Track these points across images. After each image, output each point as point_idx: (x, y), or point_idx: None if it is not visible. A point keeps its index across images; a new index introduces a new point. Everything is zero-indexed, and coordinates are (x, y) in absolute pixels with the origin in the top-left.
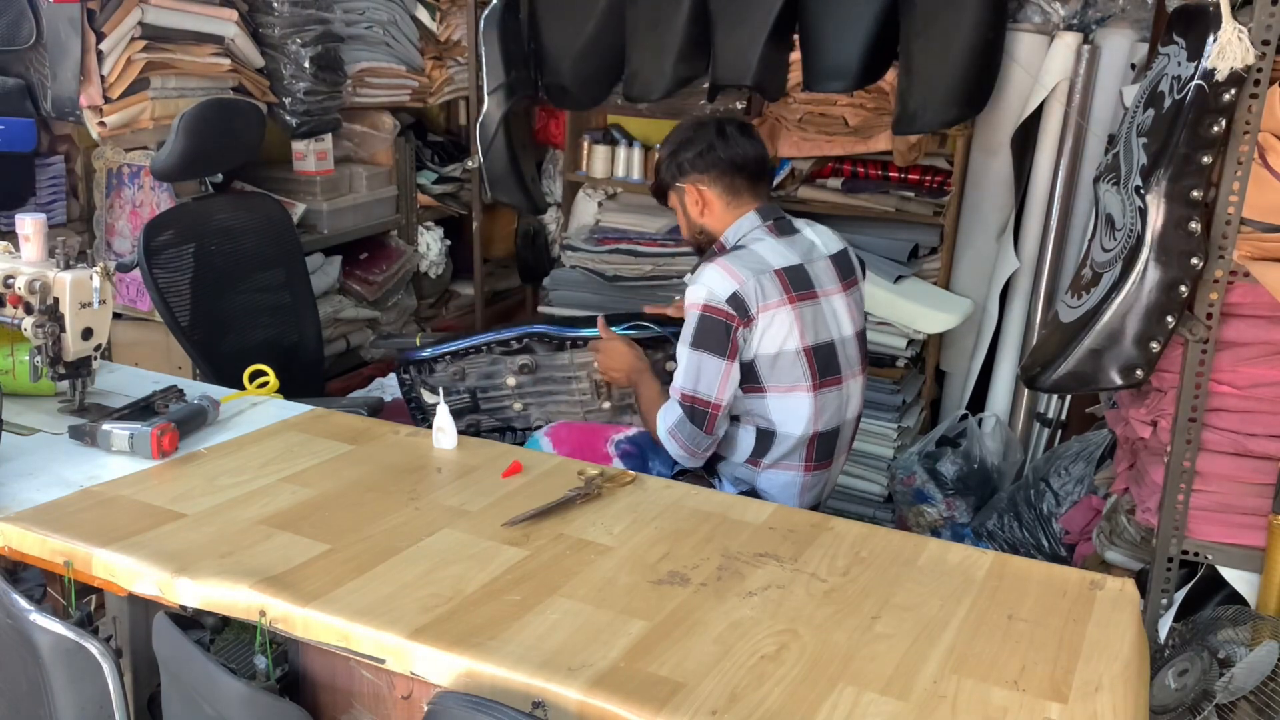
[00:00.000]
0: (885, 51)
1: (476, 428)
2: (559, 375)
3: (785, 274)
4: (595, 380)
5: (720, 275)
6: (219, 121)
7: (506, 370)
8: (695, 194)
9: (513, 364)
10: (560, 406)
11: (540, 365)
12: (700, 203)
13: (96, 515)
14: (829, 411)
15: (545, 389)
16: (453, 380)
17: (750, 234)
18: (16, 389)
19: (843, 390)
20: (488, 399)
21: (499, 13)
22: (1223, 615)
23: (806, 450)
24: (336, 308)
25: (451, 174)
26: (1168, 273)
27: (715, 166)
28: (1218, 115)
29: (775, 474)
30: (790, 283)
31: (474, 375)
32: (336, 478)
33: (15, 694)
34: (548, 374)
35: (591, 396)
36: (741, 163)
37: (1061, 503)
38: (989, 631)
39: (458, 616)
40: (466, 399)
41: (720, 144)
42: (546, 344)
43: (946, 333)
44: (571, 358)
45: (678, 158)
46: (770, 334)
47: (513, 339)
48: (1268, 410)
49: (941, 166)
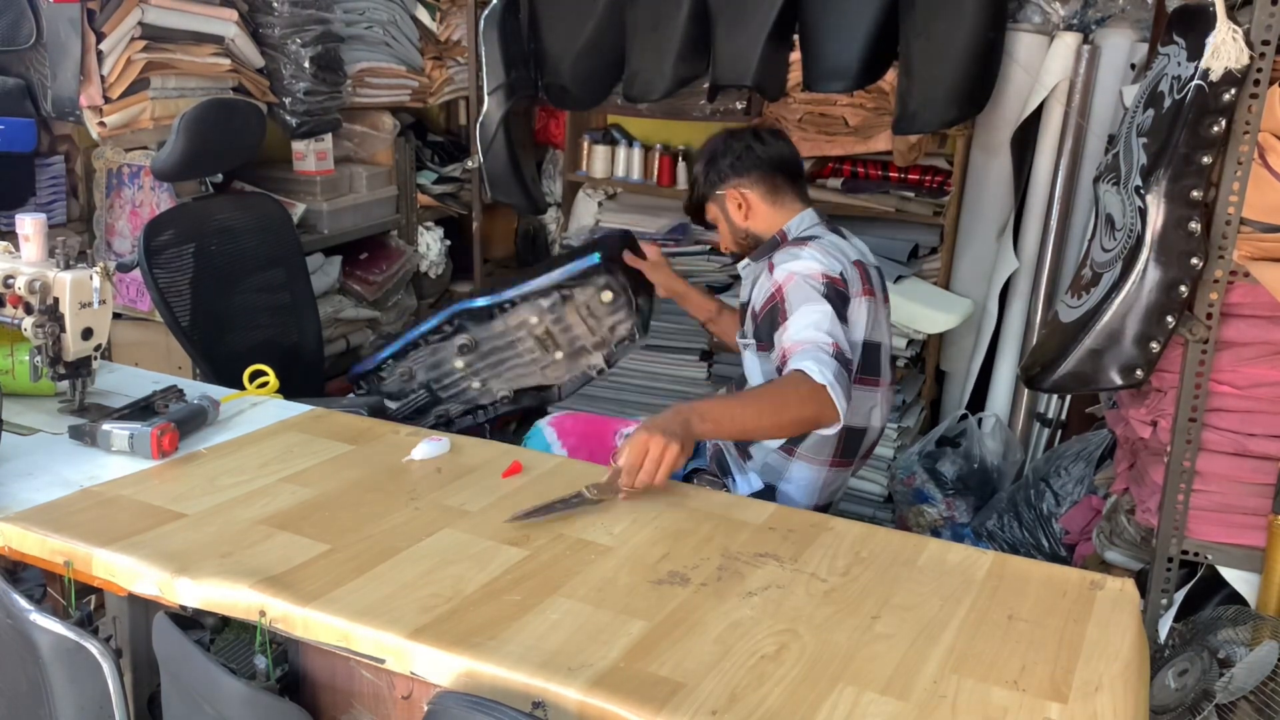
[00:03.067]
0: (885, 51)
1: (446, 417)
2: (501, 343)
3: (861, 267)
4: (537, 336)
5: (824, 254)
6: (219, 121)
7: (450, 355)
8: (737, 197)
9: (452, 347)
10: (515, 370)
11: (479, 340)
12: (744, 206)
13: (96, 515)
14: (862, 410)
15: (494, 359)
16: (404, 382)
17: (814, 227)
18: (16, 389)
19: (878, 394)
20: (444, 387)
21: (499, 13)
22: (1223, 615)
23: (836, 445)
24: (336, 308)
25: (451, 174)
26: (1168, 273)
27: (756, 167)
28: (1217, 115)
29: (803, 466)
30: (865, 276)
31: (421, 370)
32: (336, 478)
33: (15, 694)
34: (490, 345)
35: (541, 352)
36: (779, 162)
37: (1061, 503)
38: (989, 631)
39: (458, 616)
40: (424, 395)
41: (757, 145)
42: (475, 318)
43: (946, 333)
44: (505, 322)
45: (716, 165)
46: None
47: (442, 324)
48: (1268, 410)
49: (941, 166)
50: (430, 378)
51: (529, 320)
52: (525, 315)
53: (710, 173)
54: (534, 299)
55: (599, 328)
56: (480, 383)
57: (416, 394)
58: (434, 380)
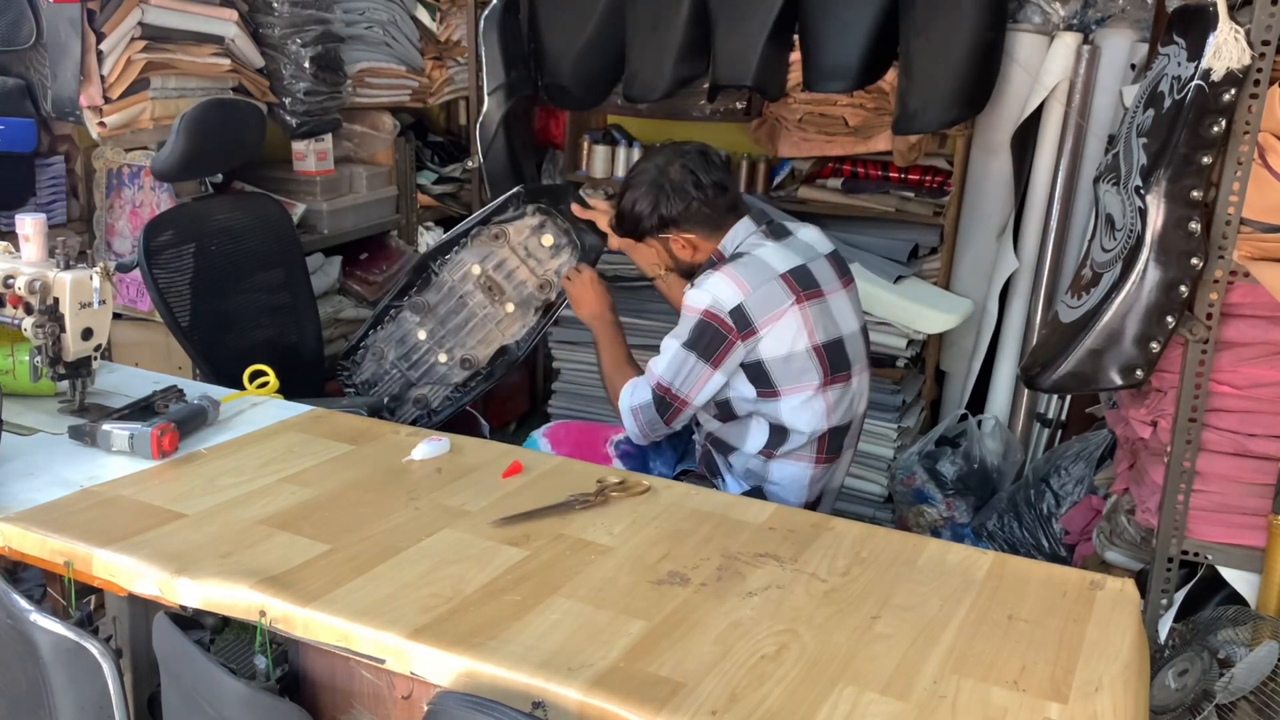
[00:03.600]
0: (885, 51)
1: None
2: (452, 301)
3: (791, 275)
4: (483, 287)
5: (727, 284)
6: (219, 121)
7: (412, 327)
8: (682, 242)
9: (412, 319)
10: (475, 334)
11: (431, 303)
12: (689, 247)
13: (96, 515)
14: (841, 408)
15: (452, 325)
16: (377, 362)
17: (747, 240)
18: (16, 389)
19: (851, 386)
20: (413, 365)
21: (499, 13)
22: (1223, 615)
23: (818, 444)
24: (336, 308)
25: (451, 174)
26: (1168, 273)
27: (698, 215)
28: (1217, 115)
29: (786, 465)
30: (797, 283)
31: (390, 347)
32: (336, 478)
33: (15, 694)
34: (443, 307)
35: (492, 306)
36: (718, 194)
37: (1061, 503)
38: (989, 631)
39: (458, 616)
40: (397, 375)
41: (698, 194)
42: (424, 278)
43: (946, 333)
44: (449, 275)
45: (660, 212)
46: (778, 339)
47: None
48: (1268, 410)
49: (941, 166)
50: (399, 354)
51: (471, 270)
52: (466, 262)
53: (653, 217)
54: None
55: (540, 269)
56: (446, 354)
57: (390, 374)
58: (402, 358)
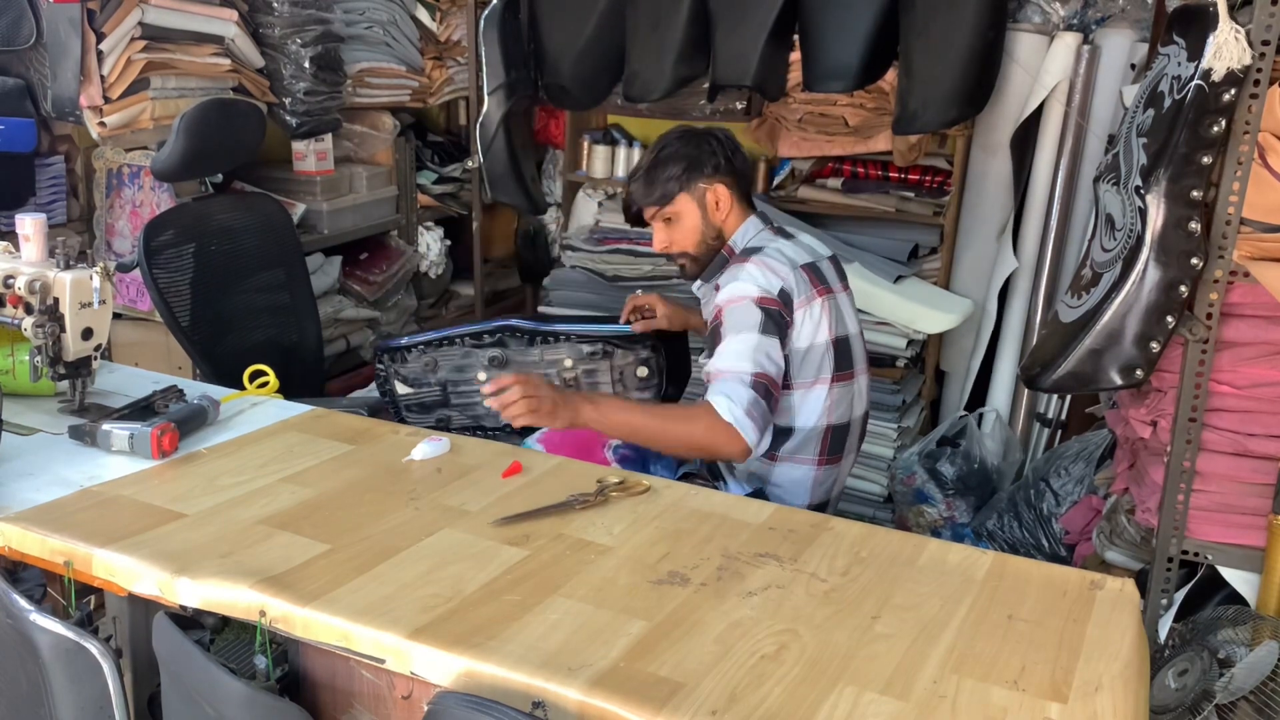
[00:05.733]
0: (885, 51)
1: (447, 424)
2: (530, 371)
3: (809, 269)
4: (565, 379)
5: (764, 272)
6: (219, 121)
7: (478, 364)
8: (716, 195)
9: (483, 357)
10: None
11: (510, 360)
12: (720, 206)
13: (96, 515)
14: (841, 406)
15: None
16: (425, 371)
17: (758, 236)
18: (16, 389)
19: (854, 385)
20: (459, 394)
21: (499, 13)
22: (1223, 615)
23: (820, 444)
24: (336, 308)
25: (451, 174)
26: (1168, 273)
27: (734, 172)
28: (1217, 115)
29: (789, 468)
30: (814, 277)
31: (446, 367)
32: (336, 478)
33: (15, 694)
34: (518, 369)
35: None
36: (745, 170)
37: (1061, 503)
38: (989, 631)
39: (458, 616)
40: (438, 391)
41: (736, 157)
42: (519, 338)
43: (946, 333)
44: (542, 354)
45: (700, 163)
46: (806, 328)
47: (486, 332)
48: (1268, 410)
49: (941, 166)
50: (449, 378)
51: (564, 360)
52: (564, 354)
53: (692, 169)
54: (579, 342)
55: (623, 393)
56: None
57: (430, 388)
58: (452, 383)
